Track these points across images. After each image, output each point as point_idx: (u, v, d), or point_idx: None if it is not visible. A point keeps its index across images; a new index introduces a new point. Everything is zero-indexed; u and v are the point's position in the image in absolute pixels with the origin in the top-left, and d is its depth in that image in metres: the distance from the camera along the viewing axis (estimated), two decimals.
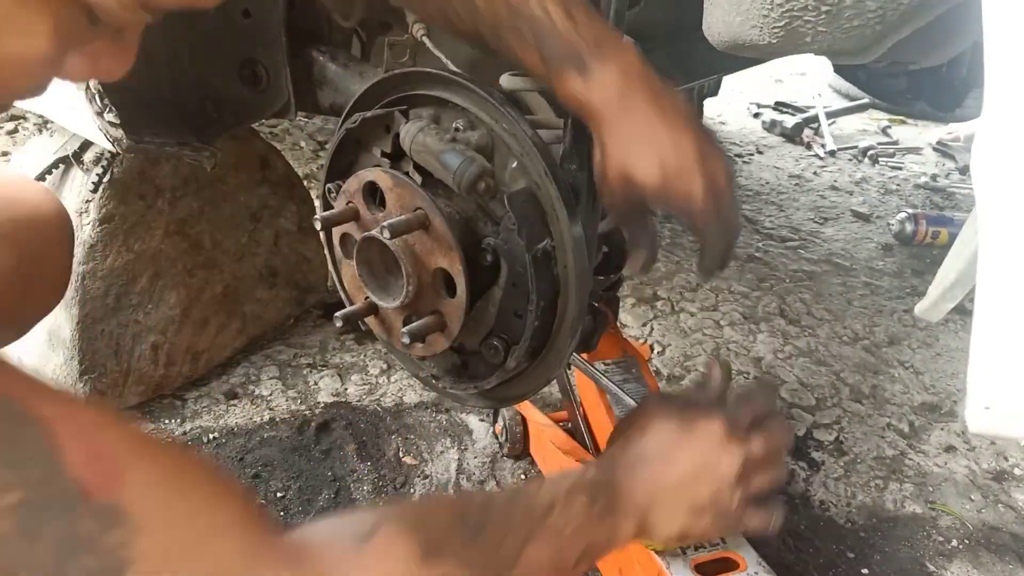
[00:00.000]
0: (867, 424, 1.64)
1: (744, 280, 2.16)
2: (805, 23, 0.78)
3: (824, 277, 2.21)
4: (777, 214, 2.61)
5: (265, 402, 1.58)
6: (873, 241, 2.46)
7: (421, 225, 0.83)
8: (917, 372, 1.82)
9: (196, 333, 1.57)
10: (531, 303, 0.81)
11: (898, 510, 1.42)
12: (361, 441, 1.48)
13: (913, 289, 2.18)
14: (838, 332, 1.95)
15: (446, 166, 0.80)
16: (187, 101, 1.22)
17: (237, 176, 1.60)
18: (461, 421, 1.55)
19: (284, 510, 1.31)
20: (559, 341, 0.86)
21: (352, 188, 0.90)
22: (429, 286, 0.87)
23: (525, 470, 1.43)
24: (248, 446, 1.45)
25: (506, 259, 0.83)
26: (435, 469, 1.43)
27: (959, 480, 1.50)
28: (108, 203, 1.37)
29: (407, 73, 0.87)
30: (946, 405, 1.71)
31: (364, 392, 1.62)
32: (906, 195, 2.82)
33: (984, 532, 1.39)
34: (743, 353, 1.84)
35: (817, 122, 3.34)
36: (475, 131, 0.83)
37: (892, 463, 1.53)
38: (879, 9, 0.75)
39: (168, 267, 1.49)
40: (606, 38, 0.80)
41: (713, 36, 0.91)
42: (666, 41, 1.84)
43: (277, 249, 1.72)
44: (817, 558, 1.31)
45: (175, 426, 1.49)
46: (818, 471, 1.50)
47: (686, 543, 1.00)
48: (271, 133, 2.76)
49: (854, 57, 0.84)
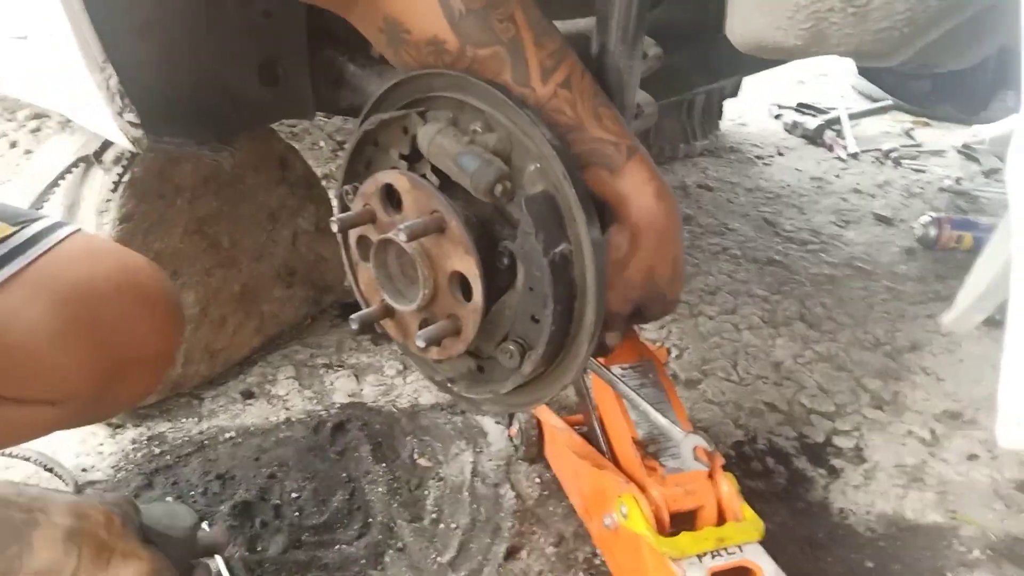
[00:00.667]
0: (888, 431, 1.61)
1: (764, 284, 2.14)
2: (831, 25, 0.76)
3: (845, 281, 2.19)
4: (798, 217, 2.58)
5: (281, 402, 1.58)
6: (895, 245, 2.43)
7: (438, 228, 0.82)
8: (939, 379, 1.79)
9: (214, 332, 1.57)
10: (548, 308, 0.80)
11: (919, 519, 1.40)
12: (376, 442, 1.47)
13: (936, 294, 2.14)
14: (859, 337, 1.92)
15: (463, 169, 0.79)
16: (207, 101, 1.22)
17: (256, 176, 1.60)
18: (476, 424, 1.54)
19: (299, 511, 1.31)
20: (576, 346, 0.85)
21: (369, 190, 0.90)
22: (445, 289, 0.86)
23: (540, 473, 1.42)
24: (264, 446, 1.45)
25: (523, 263, 0.82)
26: (450, 471, 1.42)
27: (981, 489, 1.47)
28: (128, 202, 1.38)
29: (425, 75, 0.87)
30: (968, 413, 1.68)
31: (380, 393, 1.62)
32: (929, 198, 2.78)
33: (1007, 542, 1.36)
34: (762, 357, 1.82)
35: (839, 124, 3.31)
36: (493, 133, 0.82)
37: (913, 471, 1.51)
38: (908, 11, 0.73)
39: (187, 266, 1.50)
40: (629, 136, 0.84)
41: (736, 37, 0.89)
42: (687, 42, 1.83)
43: (295, 249, 1.72)
44: (836, 567, 1.29)
45: (192, 425, 1.49)
46: (837, 478, 1.48)
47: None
48: (290, 133, 2.77)
49: (881, 60, 0.82)
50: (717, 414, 1.63)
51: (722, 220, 2.51)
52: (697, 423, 1.58)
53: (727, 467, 1.11)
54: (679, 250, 0.87)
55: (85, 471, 1.37)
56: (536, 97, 0.82)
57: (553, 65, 0.82)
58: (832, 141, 3.19)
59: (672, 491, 1.06)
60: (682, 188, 2.72)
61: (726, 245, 2.34)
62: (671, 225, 0.85)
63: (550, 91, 0.82)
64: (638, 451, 1.11)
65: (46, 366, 0.84)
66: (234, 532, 1.26)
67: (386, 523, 1.30)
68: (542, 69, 0.81)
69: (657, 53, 1.15)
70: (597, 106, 0.83)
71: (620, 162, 0.82)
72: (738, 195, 2.71)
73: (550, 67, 0.82)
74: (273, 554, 1.23)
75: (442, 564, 1.23)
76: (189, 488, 1.34)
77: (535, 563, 1.25)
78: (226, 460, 1.41)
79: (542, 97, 0.82)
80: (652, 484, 1.07)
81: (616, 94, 0.92)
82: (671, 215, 0.85)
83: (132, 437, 1.45)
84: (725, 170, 2.91)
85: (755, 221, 2.52)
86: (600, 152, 0.82)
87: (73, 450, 1.41)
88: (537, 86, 0.82)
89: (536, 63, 0.81)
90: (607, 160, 0.82)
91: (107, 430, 1.46)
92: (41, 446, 1.39)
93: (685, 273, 0.91)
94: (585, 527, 1.29)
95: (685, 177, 2.80)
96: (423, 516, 1.33)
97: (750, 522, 1.06)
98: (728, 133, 3.22)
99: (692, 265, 2.19)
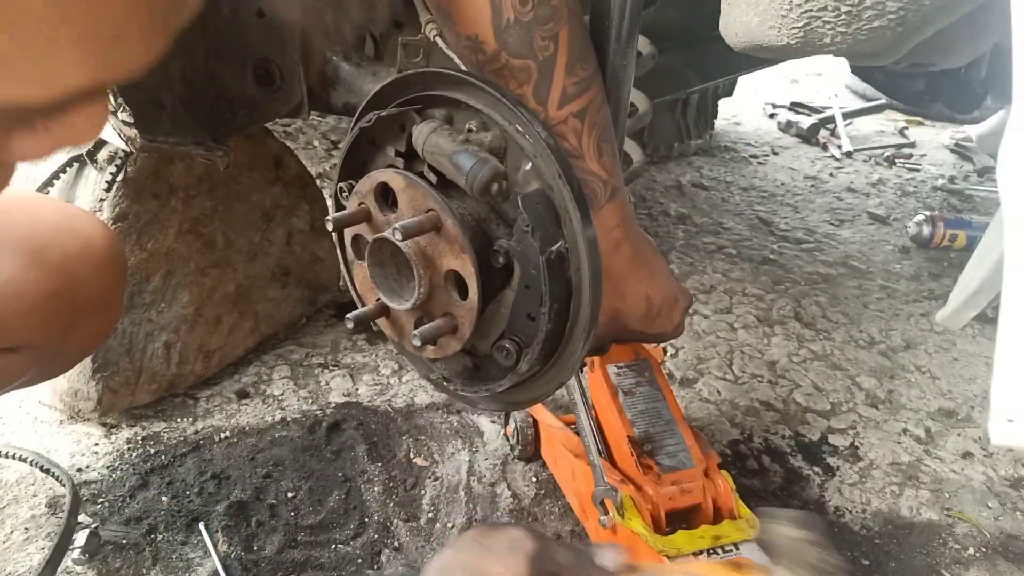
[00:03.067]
0: (883, 429, 1.62)
1: (759, 282, 2.14)
2: (824, 24, 0.77)
3: (840, 280, 2.19)
4: (792, 216, 2.59)
5: (277, 402, 1.58)
6: (890, 244, 2.44)
7: (433, 227, 0.82)
8: (934, 377, 1.80)
9: (208, 332, 1.57)
10: (544, 306, 0.80)
11: (914, 517, 1.41)
12: (372, 442, 1.47)
13: (930, 293, 2.15)
14: (854, 336, 1.93)
15: (458, 167, 0.79)
16: (201, 100, 1.21)
17: (250, 175, 1.60)
18: (472, 423, 1.54)
19: (295, 510, 1.31)
20: (572, 344, 0.85)
21: (364, 189, 0.90)
22: (441, 288, 0.86)
23: (536, 473, 1.42)
24: (259, 446, 1.45)
25: (519, 261, 0.82)
26: (446, 471, 1.42)
27: (976, 487, 1.48)
28: (122, 202, 1.38)
29: (421, 73, 0.87)
30: (963, 411, 1.68)
31: (375, 392, 1.62)
32: (923, 197, 2.79)
33: (1002, 540, 1.37)
34: (757, 356, 1.83)
35: (833, 123, 3.32)
36: (488, 132, 0.82)
37: (908, 469, 1.52)
38: (900, 10, 0.73)
39: (181, 266, 1.49)
40: (618, 176, 0.86)
41: (730, 37, 0.90)
42: (681, 41, 1.83)
43: (290, 248, 1.72)
44: None
45: (187, 425, 1.49)
46: (833, 477, 1.48)
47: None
48: (285, 132, 2.77)
49: (874, 59, 0.82)
50: (713, 412, 1.63)
51: (717, 219, 2.51)
52: (693, 421, 1.58)
53: (723, 465, 1.11)
54: (652, 289, 0.91)
55: (80, 471, 1.36)
56: (547, 117, 0.83)
57: (575, 93, 0.83)
58: (826, 140, 3.20)
59: (668, 489, 1.07)
60: (677, 187, 2.72)
61: (721, 244, 2.34)
62: (631, 271, 0.89)
63: (562, 116, 0.83)
64: (634, 450, 1.11)
65: (2, 312, 0.86)
66: (230, 532, 1.26)
67: (382, 523, 1.30)
68: (563, 95, 0.83)
69: (652, 52, 1.15)
70: (601, 140, 0.85)
71: (600, 202, 0.85)
72: (733, 194, 2.72)
73: (571, 94, 0.83)
74: (269, 554, 1.23)
75: None
76: (184, 488, 1.34)
77: None
78: (221, 460, 1.41)
79: (552, 119, 0.83)
80: (648, 483, 1.07)
81: (611, 93, 0.92)
82: (631, 261, 0.89)
83: (127, 437, 1.45)
84: (720, 169, 2.91)
85: (750, 220, 2.53)
86: (588, 185, 0.84)
87: (68, 450, 1.41)
88: (551, 108, 0.83)
89: (559, 87, 0.82)
90: (590, 196, 0.84)
91: (102, 430, 1.46)
92: (36, 446, 1.38)
93: (672, 289, 0.95)
94: (581, 526, 1.30)
95: (680, 176, 2.80)
96: (419, 515, 1.33)
97: (746, 520, 1.06)
98: (723, 132, 3.23)
99: (687, 264, 2.20)
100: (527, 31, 0.81)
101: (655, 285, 0.92)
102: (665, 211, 2.53)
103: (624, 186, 0.88)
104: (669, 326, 0.95)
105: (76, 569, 1.18)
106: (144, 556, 1.21)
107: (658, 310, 0.92)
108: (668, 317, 0.94)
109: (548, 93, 0.83)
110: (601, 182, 0.85)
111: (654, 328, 0.94)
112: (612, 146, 0.87)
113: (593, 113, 0.84)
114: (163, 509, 1.30)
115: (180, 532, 1.26)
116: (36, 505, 1.29)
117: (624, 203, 0.88)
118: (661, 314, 0.93)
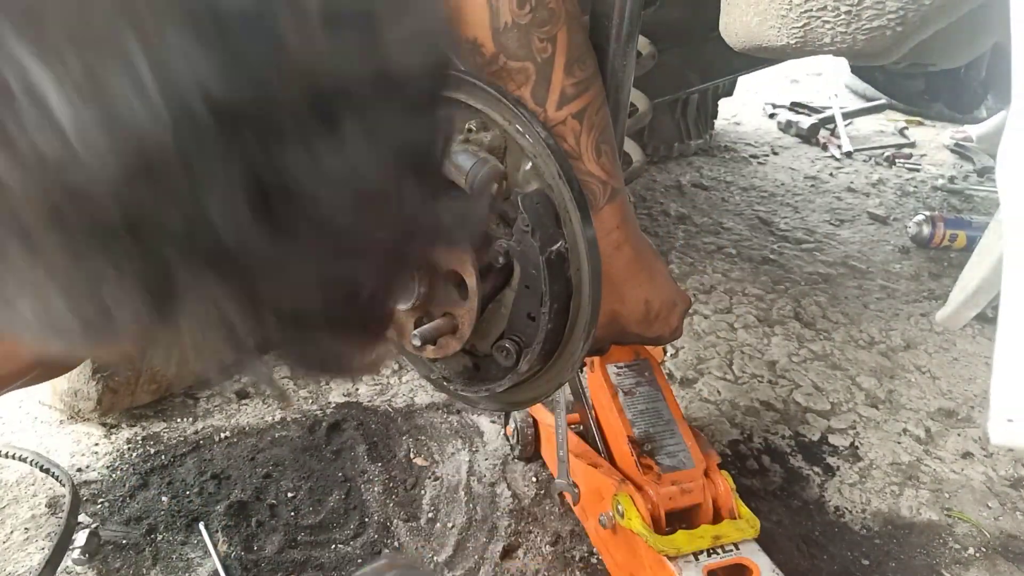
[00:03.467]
0: (883, 429, 1.62)
1: (759, 282, 2.14)
2: (824, 24, 0.77)
3: (840, 280, 2.19)
4: (792, 216, 2.59)
5: (277, 402, 1.58)
6: (890, 244, 2.44)
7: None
8: (934, 377, 1.80)
9: None
10: (544, 306, 0.81)
11: (914, 517, 1.41)
12: (372, 442, 1.47)
13: (930, 293, 2.15)
14: (854, 336, 1.93)
15: (459, 167, 0.79)
16: None
17: None
18: (472, 423, 1.54)
19: (295, 510, 1.31)
20: (572, 344, 0.85)
21: None
22: (441, 288, 0.86)
23: (536, 472, 1.42)
24: (259, 446, 1.45)
25: (519, 261, 0.82)
26: (446, 471, 1.42)
27: (976, 487, 1.48)
28: None
29: None
30: (963, 411, 1.68)
31: (375, 393, 1.62)
32: (923, 197, 2.79)
33: (1002, 540, 1.37)
34: (757, 356, 1.83)
35: (833, 123, 3.32)
36: (488, 132, 0.83)
37: (908, 469, 1.52)
38: (900, 10, 0.73)
39: None
40: (617, 178, 0.86)
41: (730, 37, 0.90)
42: (681, 41, 1.83)
43: None
44: (831, 565, 1.29)
45: (187, 425, 1.49)
46: (833, 476, 1.48)
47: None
48: None
49: (873, 59, 0.82)
50: (713, 412, 1.63)
51: (717, 219, 2.51)
52: (693, 421, 1.58)
53: (723, 465, 1.12)
54: (651, 293, 0.91)
55: (80, 471, 1.36)
56: (545, 119, 0.83)
57: (574, 94, 0.83)
58: (826, 140, 3.20)
59: (668, 489, 1.07)
60: (677, 187, 2.72)
61: (721, 244, 2.34)
62: (631, 274, 0.89)
63: (560, 117, 0.83)
64: (634, 449, 1.11)
65: None
66: (230, 532, 1.26)
67: (382, 522, 1.30)
68: (561, 96, 0.83)
69: (652, 52, 1.15)
70: (600, 141, 0.85)
71: (600, 203, 0.85)
72: (733, 194, 2.72)
73: (570, 96, 0.83)
74: (269, 554, 1.23)
75: (439, 563, 1.23)
76: (184, 488, 1.34)
77: (532, 562, 1.25)
78: (221, 460, 1.41)
79: (550, 120, 0.83)
80: (648, 482, 1.07)
81: (611, 94, 0.92)
82: (630, 264, 0.89)
83: (127, 437, 1.45)
84: (720, 169, 2.91)
85: (750, 220, 2.53)
86: (586, 186, 0.84)
87: (68, 450, 1.41)
88: (550, 109, 0.83)
89: (558, 89, 0.83)
90: (589, 197, 0.84)
91: (102, 430, 1.46)
92: (36, 446, 1.38)
93: (671, 293, 0.95)
94: (581, 526, 1.30)
95: (680, 176, 2.80)
96: (419, 515, 1.33)
97: (746, 520, 1.06)
98: (723, 132, 3.23)
99: (687, 264, 2.20)
100: (525, 34, 0.81)
101: (654, 289, 0.92)
102: (665, 211, 2.53)
103: (625, 188, 0.89)
104: (667, 330, 0.96)
105: (76, 569, 1.18)
106: (144, 556, 1.21)
107: (656, 314, 0.93)
108: (666, 321, 0.94)
109: (547, 94, 0.83)
110: (600, 183, 0.85)
111: (652, 331, 0.94)
112: (611, 147, 0.87)
113: (592, 114, 0.84)
114: (163, 509, 1.30)
115: (180, 532, 1.26)
116: (36, 505, 1.29)
117: (624, 205, 0.88)
118: (659, 318, 0.93)
